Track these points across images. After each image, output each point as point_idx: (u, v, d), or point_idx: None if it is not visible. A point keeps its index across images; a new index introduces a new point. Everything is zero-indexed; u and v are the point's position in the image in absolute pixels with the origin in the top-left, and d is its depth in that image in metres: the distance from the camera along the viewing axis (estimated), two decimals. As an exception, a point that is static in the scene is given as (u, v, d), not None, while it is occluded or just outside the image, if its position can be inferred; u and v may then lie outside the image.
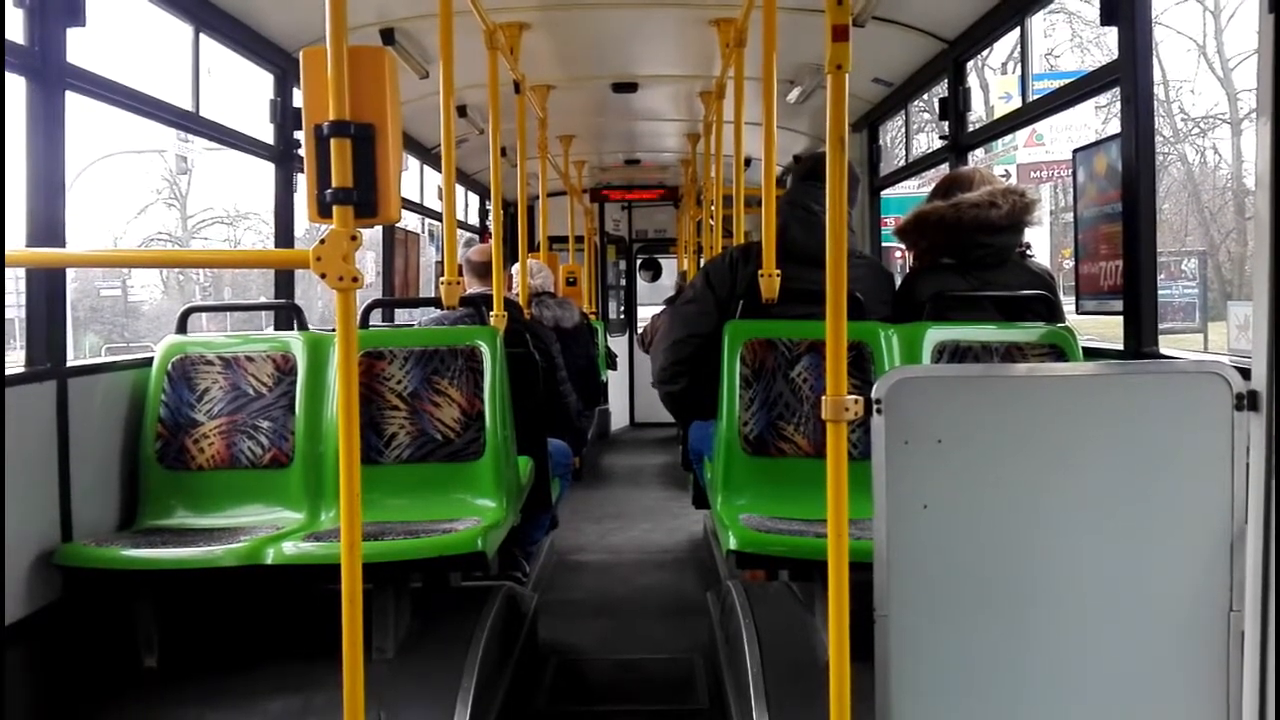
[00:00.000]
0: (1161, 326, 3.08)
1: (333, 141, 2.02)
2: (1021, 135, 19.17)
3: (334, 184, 2.03)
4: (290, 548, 2.79)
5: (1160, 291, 3.13)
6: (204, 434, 3.33)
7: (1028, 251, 3.72)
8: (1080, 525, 2.00)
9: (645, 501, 7.37)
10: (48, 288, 2.87)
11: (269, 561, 2.78)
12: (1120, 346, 3.18)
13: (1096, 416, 2.01)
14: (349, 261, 2.04)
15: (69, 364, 2.97)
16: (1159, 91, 25.29)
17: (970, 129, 4.76)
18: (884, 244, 7.04)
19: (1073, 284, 3.64)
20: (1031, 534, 2.00)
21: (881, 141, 6.36)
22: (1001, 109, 17.91)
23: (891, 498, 1.98)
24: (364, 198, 2.06)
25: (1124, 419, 2.01)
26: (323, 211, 2.06)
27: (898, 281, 3.81)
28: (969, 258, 3.48)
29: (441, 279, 3.57)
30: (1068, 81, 3.81)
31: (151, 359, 3.41)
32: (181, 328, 3.54)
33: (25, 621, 2.72)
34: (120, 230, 35.84)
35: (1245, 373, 1.94)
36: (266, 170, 4.48)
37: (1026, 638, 2.01)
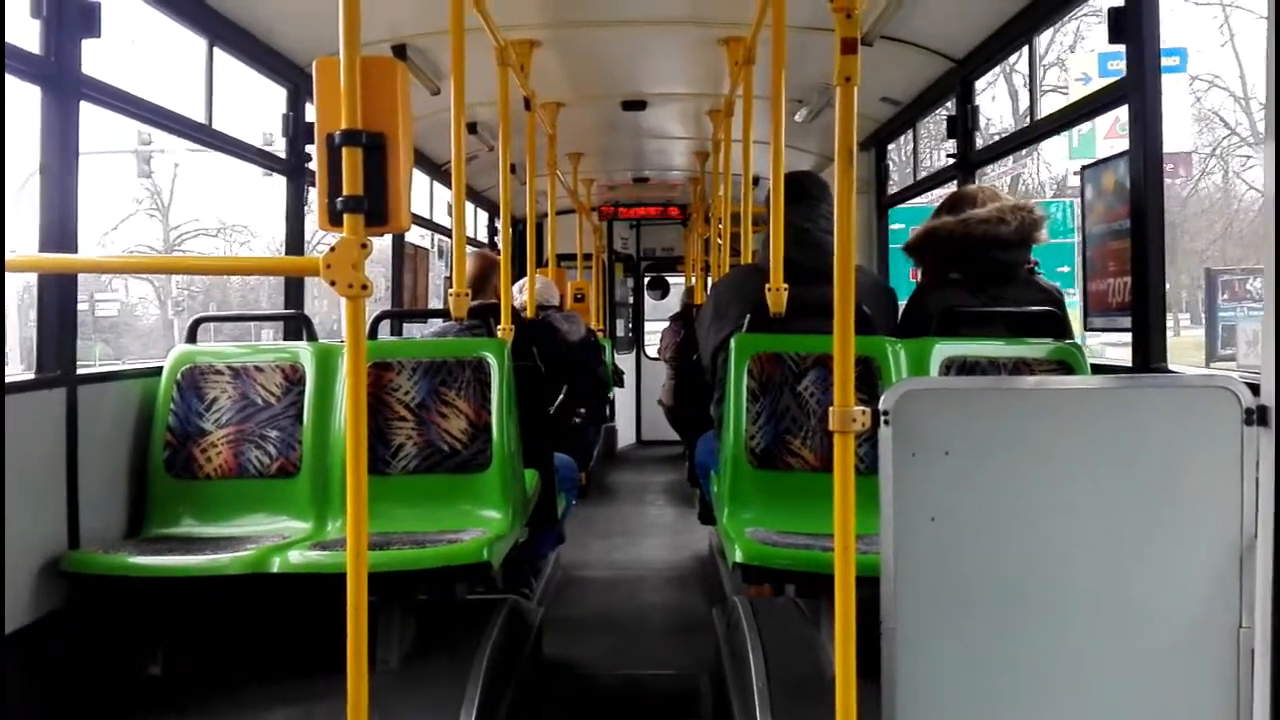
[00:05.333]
0: (1222, 353, 3.04)
1: (344, 150, 2.04)
2: (1103, 124, 16.59)
3: (345, 192, 2.05)
4: (296, 557, 2.79)
5: (1222, 314, 3.11)
6: (212, 443, 3.34)
7: (1035, 269, 3.72)
8: (1088, 539, 1.99)
9: (651, 518, 7.36)
10: (59, 294, 2.89)
11: (275, 570, 2.78)
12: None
13: (1105, 430, 2.01)
14: (359, 269, 2.05)
15: (79, 372, 2.99)
16: (1236, 88, 25.07)
17: (978, 147, 4.78)
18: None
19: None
20: (1039, 547, 1.99)
21: (895, 157, 6.37)
22: (1079, 91, 16.76)
23: (899, 509, 1.97)
24: (374, 206, 2.08)
25: (1133, 433, 2.01)
26: (333, 220, 2.08)
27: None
28: (978, 273, 3.48)
29: (450, 291, 3.59)
30: (1076, 99, 3.82)
31: (161, 368, 3.43)
32: (191, 337, 3.56)
33: (31, 627, 2.72)
34: (96, 242, 32.82)
35: (1255, 388, 1.94)
36: (256, 179, 4.51)
37: (1034, 652, 1.99)
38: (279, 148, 4.51)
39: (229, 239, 35.94)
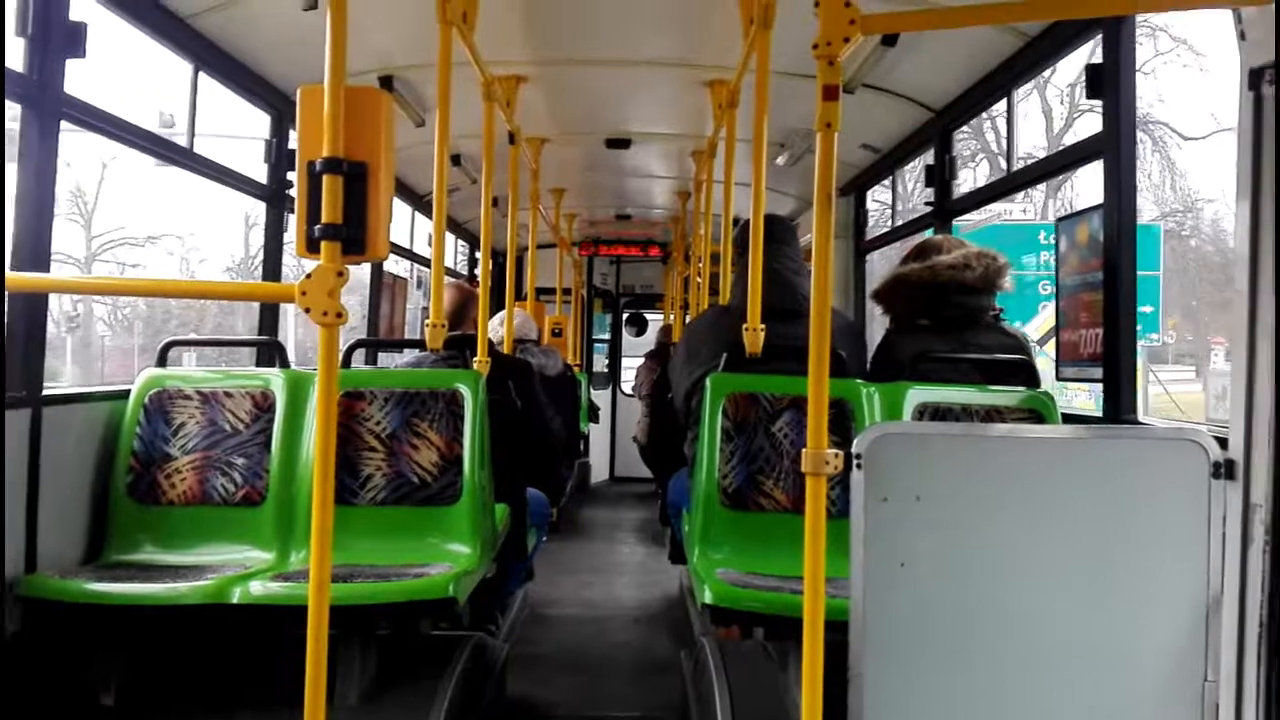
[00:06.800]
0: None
1: (325, 178, 2.04)
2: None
3: (324, 220, 2.04)
4: (257, 588, 2.74)
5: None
6: (177, 469, 3.29)
7: (1000, 315, 3.77)
8: (1056, 587, 1.99)
9: (622, 556, 7.31)
10: (27, 313, 2.85)
11: (235, 601, 2.73)
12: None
13: (1075, 479, 2.02)
14: (334, 297, 2.04)
15: (45, 393, 2.94)
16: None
17: (955, 196, 4.84)
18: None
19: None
20: (1008, 595, 1.99)
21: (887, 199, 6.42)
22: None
23: (869, 553, 1.97)
24: (353, 235, 2.07)
25: (1102, 483, 2.02)
26: (311, 247, 2.07)
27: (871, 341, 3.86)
28: (944, 318, 3.53)
29: (427, 322, 3.58)
30: (1052, 153, 3.88)
31: (129, 391, 3.38)
32: (161, 361, 3.51)
33: None
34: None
35: (1223, 441, 1.96)
36: (189, 184, 4.46)
37: (1001, 699, 1.98)
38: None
39: (157, 249, 33.33)
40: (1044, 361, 4.61)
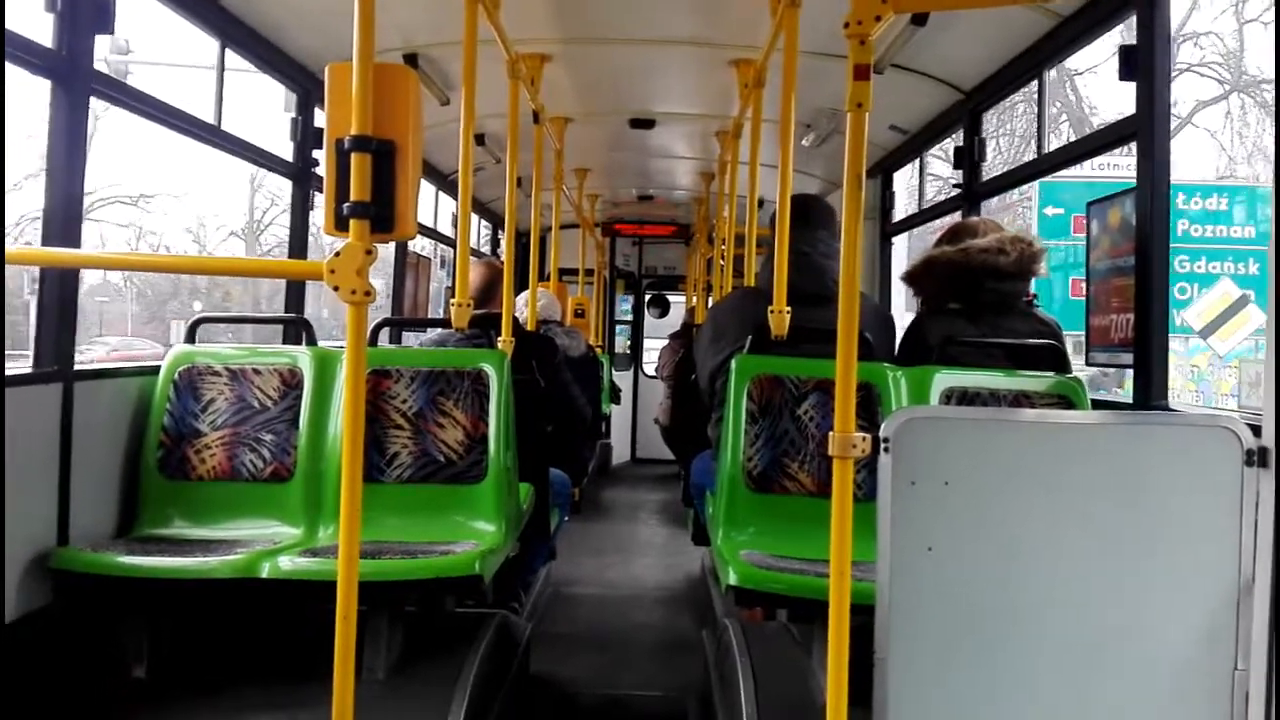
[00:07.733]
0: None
1: (353, 156, 2.04)
2: None
3: (352, 198, 2.04)
4: (286, 563, 2.77)
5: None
6: (206, 444, 3.32)
7: (1034, 301, 3.73)
8: (1085, 574, 1.97)
9: (644, 537, 7.33)
10: (60, 289, 2.88)
11: (264, 575, 2.76)
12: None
13: (1105, 466, 2.00)
14: (363, 275, 2.05)
15: (77, 368, 2.97)
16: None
17: (984, 179, 4.79)
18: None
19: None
20: (1035, 581, 1.98)
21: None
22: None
23: (895, 538, 1.96)
24: (381, 213, 2.08)
25: (1133, 469, 2.00)
26: (339, 225, 2.08)
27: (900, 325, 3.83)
28: (976, 303, 3.49)
29: (452, 301, 3.59)
30: (1086, 134, 3.82)
31: (159, 367, 3.41)
32: (190, 337, 3.55)
33: (16, 624, 2.69)
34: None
35: (1257, 429, 1.93)
36: (181, 143, 4.39)
37: (1027, 686, 1.97)
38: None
39: (152, 208, 33.65)
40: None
